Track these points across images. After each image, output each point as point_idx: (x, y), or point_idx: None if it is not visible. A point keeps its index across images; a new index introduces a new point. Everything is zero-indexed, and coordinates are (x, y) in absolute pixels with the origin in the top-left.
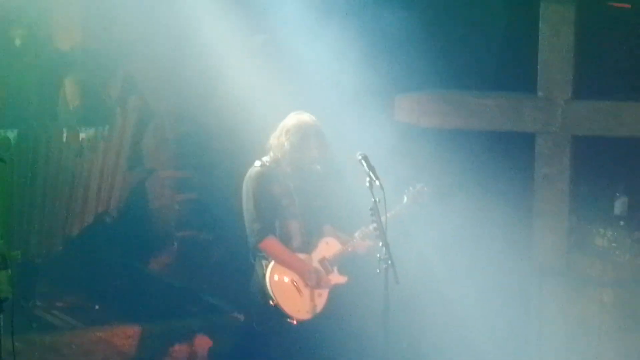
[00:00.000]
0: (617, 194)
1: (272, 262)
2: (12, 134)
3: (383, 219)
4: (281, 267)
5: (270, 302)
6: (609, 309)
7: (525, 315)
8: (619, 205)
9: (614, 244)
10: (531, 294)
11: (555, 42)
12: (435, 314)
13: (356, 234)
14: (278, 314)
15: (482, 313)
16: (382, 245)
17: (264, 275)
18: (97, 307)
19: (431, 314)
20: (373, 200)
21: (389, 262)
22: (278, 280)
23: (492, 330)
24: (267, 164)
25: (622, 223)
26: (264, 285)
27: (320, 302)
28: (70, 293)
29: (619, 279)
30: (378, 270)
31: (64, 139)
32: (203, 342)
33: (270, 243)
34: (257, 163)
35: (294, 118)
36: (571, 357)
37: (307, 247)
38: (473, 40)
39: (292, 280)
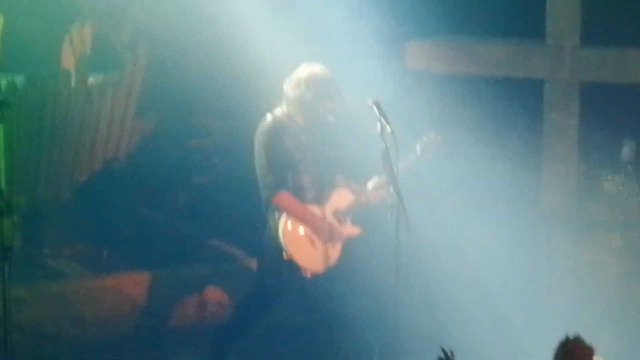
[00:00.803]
0: (625, 140)
1: (285, 215)
2: (18, 79)
3: (394, 165)
4: (295, 220)
5: (284, 255)
6: (618, 252)
7: (535, 261)
8: (627, 150)
9: (621, 189)
10: (541, 240)
11: None
12: (446, 261)
13: (369, 185)
14: (291, 266)
15: (492, 259)
16: (393, 191)
17: (277, 227)
18: (105, 254)
19: (442, 261)
20: (384, 146)
21: (400, 208)
22: (291, 233)
23: (502, 276)
24: (279, 117)
25: (629, 168)
26: (277, 238)
27: (334, 254)
28: (77, 240)
29: (627, 223)
30: (389, 215)
31: (72, 84)
32: (214, 290)
33: (283, 197)
34: (269, 116)
35: (307, 69)
36: (581, 301)
37: (320, 199)
38: None
39: (305, 233)
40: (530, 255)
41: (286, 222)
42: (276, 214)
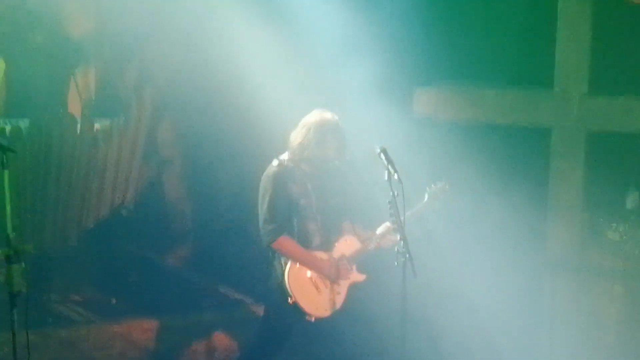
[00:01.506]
0: (630, 189)
1: (290, 261)
2: (23, 124)
3: (402, 213)
4: (300, 265)
5: (289, 300)
6: (621, 301)
7: (538, 308)
8: (631, 200)
9: (625, 238)
10: (544, 287)
11: (572, 37)
12: (450, 307)
13: (378, 231)
14: (296, 310)
15: (496, 306)
16: (400, 238)
17: (283, 272)
18: (114, 300)
19: (446, 307)
20: (392, 193)
21: (407, 255)
22: (297, 278)
23: (505, 322)
24: (285, 163)
25: (633, 217)
26: (282, 282)
27: (339, 300)
28: (86, 287)
29: (630, 272)
30: (396, 263)
31: (78, 130)
32: (221, 336)
33: (284, 242)
34: (275, 162)
35: (316, 115)
36: (583, 349)
37: (327, 245)
38: (491, 35)
39: (310, 278)
40: (533, 300)
41: (292, 266)
42: (282, 259)
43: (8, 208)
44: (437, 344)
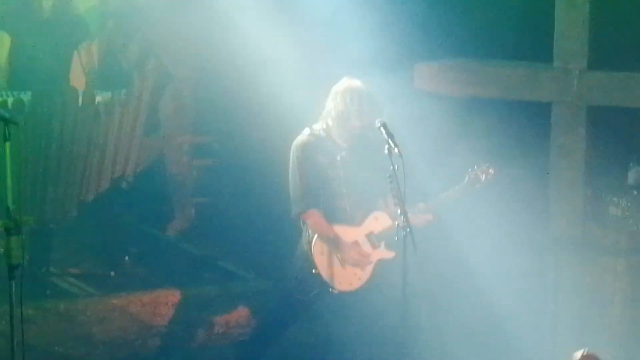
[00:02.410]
0: (631, 164)
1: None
2: (25, 97)
3: (402, 186)
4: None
5: (313, 271)
6: (623, 278)
7: (541, 285)
8: (633, 175)
9: (627, 213)
10: (547, 264)
11: (572, 12)
12: (452, 284)
13: (414, 209)
14: (319, 282)
15: (498, 283)
16: (400, 213)
17: (310, 242)
18: (112, 273)
19: (448, 284)
20: (392, 167)
21: (407, 230)
22: (322, 250)
23: (508, 300)
24: (316, 132)
25: (636, 192)
26: (308, 252)
27: (364, 276)
28: (85, 260)
29: (633, 248)
30: (396, 238)
31: (80, 102)
32: (221, 310)
33: (313, 215)
34: (307, 131)
35: (345, 82)
36: (587, 326)
37: (353, 219)
38: (492, 10)
39: (335, 252)
40: (536, 277)
41: (317, 239)
42: (310, 230)
43: (9, 180)
44: (439, 321)
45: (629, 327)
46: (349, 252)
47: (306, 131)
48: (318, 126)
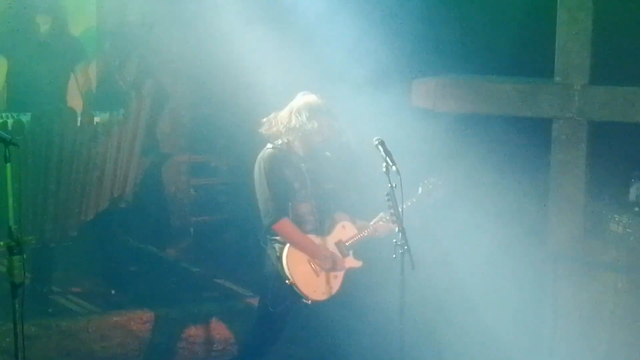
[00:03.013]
0: (633, 180)
1: (288, 244)
2: (25, 118)
3: (400, 205)
4: (297, 249)
5: (287, 282)
6: (623, 294)
7: (540, 301)
8: (635, 191)
9: (628, 230)
10: (546, 280)
11: (573, 27)
12: (450, 299)
13: (375, 220)
14: (293, 294)
15: (497, 298)
16: (399, 230)
17: (279, 257)
18: (113, 292)
19: (447, 299)
20: (390, 185)
21: (405, 247)
22: (295, 261)
23: (506, 315)
24: (279, 146)
25: (637, 209)
26: (278, 266)
27: (336, 284)
28: (86, 278)
29: (633, 265)
30: (394, 256)
31: (78, 123)
32: (220, 327)
33: (285, 224)
34: (269, 145)
35: (302, 98)
36: (585, 343)
37: (321, 229)
38: (491, 25)
39: (308, 261)
40: (535, 294)
41: (289, 249)
42: (276, 245)
43: (10, 200)
44: (436, 336)
45: (629, 344)
46: (326, 257)
47: (269, 146)
48: (279, 142)
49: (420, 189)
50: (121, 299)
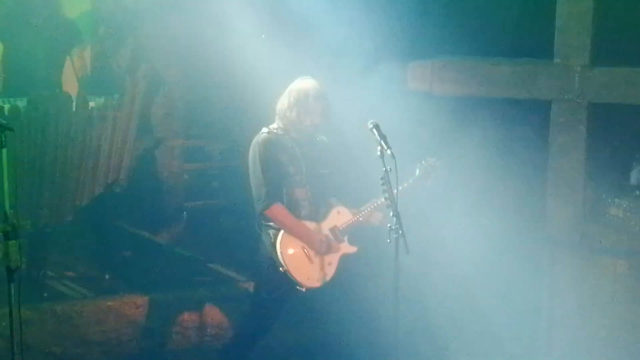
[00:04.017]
0: (634, 164)
1: (282, 230)
2: (21, 103)
3: (394, 188)
4: (291, 235)
5: (280, 269)
6: (623, 279)
7: (538, 285)
8: (636, 174)
9: (629, 214)
10: (544, 265)
11: (574, 6)
12: (447, 284)
13: (367, 205)
14: (287, 281)
15: (494, 283)
16: (393, 215)
17: (273, 243)
18: (107, 276)
19: (442, 284)
20: (384, 169)
21: (400, 232)
22: (289, 248)
23: (504, 300)
24: (274, 131)
25: (638, 193)
26: (273, 253)
27: (330, 271)
28: (80, 263)
29: (633, 249)
30: (389, 240)
31: (74, 108)
32: (212, 312)
33: (278, 210)
34: (264, 129)
35: (299, 83)
36: (583, 328)
37: (316, 215)
38: (489, 5)
39: (302, 248)
40: (533, 279)
41: (283, 236)
42: (270, 230)
43: (6, 185)
44: (431, 322)
45: (628, 328)
46: (321, 242)
47: (264, 130)
48: (274, 126)
49: (417, 171)
50: (115, 283)
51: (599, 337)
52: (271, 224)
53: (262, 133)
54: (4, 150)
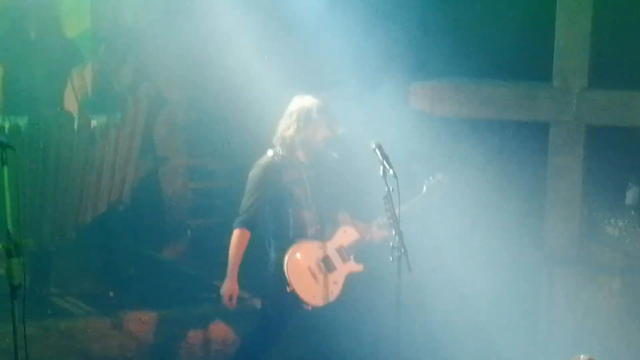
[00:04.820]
0: (629, 184)
1: (290, 249)
2: (22, 121)
3: (397, 208)
4: (298, 254)
5: (287, 288)
6: (618, 296)
7: (536, 303)
8: (631, 195)
9: (624, 233)
10: (543, 282)
11: (572, 30)
12: (447, 301)
13: (373, 224)
14: (293, 299)
15: (493, 300)
16: (395, 233)
17: (280, 261)
18: (111, 294)
19: (443, 301)
20: (387, 189)
21: (402, 250)
22: (295, 266)
23: (502, 317)
24: (280, 154)
25: (633, 212)
26: (280, 271)
27: (336, 289)
28: (84, 280)
29: (628, 267)
30: (391, 259)
31: (75, 126)
32: (218, 329)
33: (235, 234)
34: (270, 152)
35: (298, 102)
36: (580, 344)
37: (322, 234)
38: (489, 29)
39: (309, 267)
40: (531, 297)
41: (291, 255)
42: (278, 249)
43: (8, 203)
44: (433, 338)
45: (624, 345)
46: (227, 285)
47: (269, 152)
48: (279, 149)
49: (424, 187)
50: (119, 300)
51: (596, 351)
52: (279, 242)
53: (267, 156)
54: (6, 168)
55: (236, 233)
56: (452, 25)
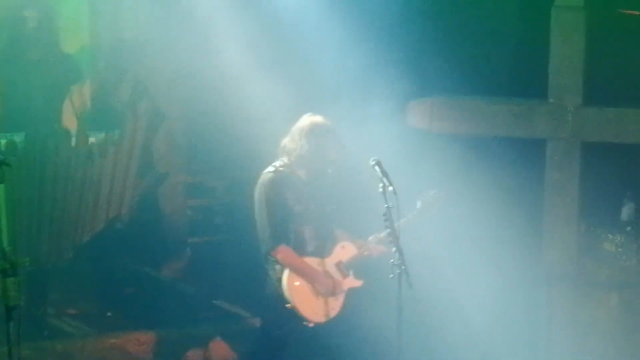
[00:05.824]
0: (625, 201)
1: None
2: (18, 138)
3: (396, 224)
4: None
5: (287, 306)
6: (616, 312)
7: (534, 319)
8: (627, 211)
9: (620, 249)
10: (540, 298)
11: (567, 48)
12: (446, 318)
13: (370, 239)
14: (294, 317)
15: (492, 317)
16: (396, 250)
17: (280, 279)
18: (109, 314)
19: (442, 318)
20: (386, 205)
21: (402, 267)
22: (295, 284)
23: (502, 333)
24: (281, 169)
25: (629, 228)
26: (279, 289)
27: (337, 306)
28: (81, 300)
29: (625, 283)
30: (391, 275)
31: (73, 143)
32: (218, 348)
33: (283, 251)
34: (270, 168)
35: (308, 120)
36: (580, 357)
37: (322, 251)
38: (485, 47)
39: (308, 284)
40: (529, 313)
41: (290, 272)
42: (277, 266)
43: (4, 221)
44: (433, 355)
45: (622, 357)
46: (325, 281)
47: (270, 168)
48: (280, 163)
49: (419, 203)
50: (117, 320)
51: None
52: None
53: (268, 172)
54: (1, 186)
55: (280, 251)
56: (449, 43)
